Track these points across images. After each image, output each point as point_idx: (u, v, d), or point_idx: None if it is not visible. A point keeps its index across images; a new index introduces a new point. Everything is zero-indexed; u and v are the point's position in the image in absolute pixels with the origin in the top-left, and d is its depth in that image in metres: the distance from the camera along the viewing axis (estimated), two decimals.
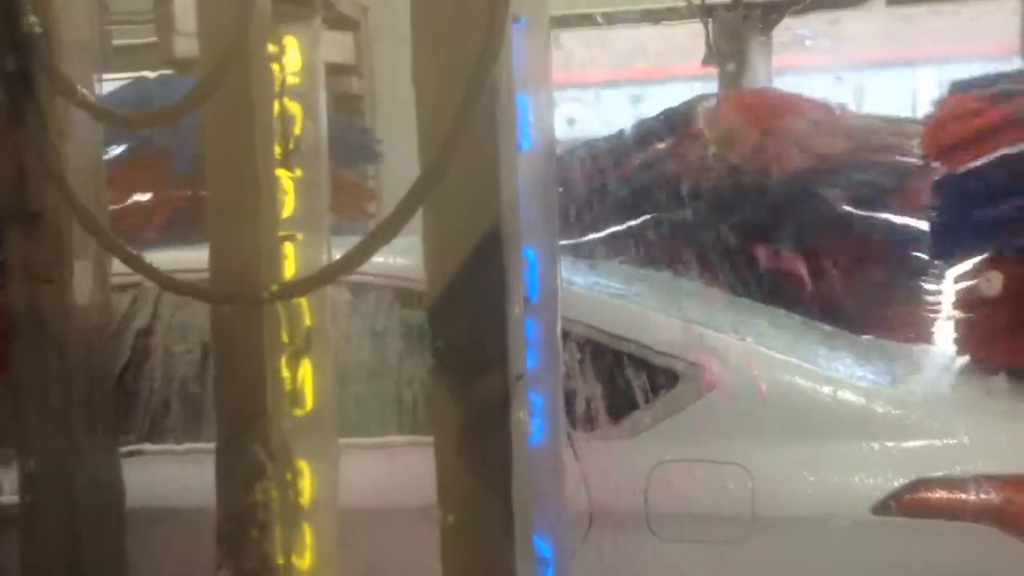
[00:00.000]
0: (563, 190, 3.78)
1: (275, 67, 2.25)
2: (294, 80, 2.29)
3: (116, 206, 3.61)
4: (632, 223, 4.09)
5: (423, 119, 1.90)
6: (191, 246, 2.63)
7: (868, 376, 2.82)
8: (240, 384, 2.24)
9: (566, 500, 2.14)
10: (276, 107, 2.25)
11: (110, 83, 3.87)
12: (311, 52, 2.31)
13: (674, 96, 4.30)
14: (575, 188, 3.97)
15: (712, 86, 7.00)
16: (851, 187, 3.96)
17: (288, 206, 2.28)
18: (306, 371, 2.30)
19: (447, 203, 1.88)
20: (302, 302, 2.28)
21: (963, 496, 2.41)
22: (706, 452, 2.52)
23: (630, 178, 4.11)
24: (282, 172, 2.27)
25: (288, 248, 2.28)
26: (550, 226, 2.05)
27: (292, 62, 2.29)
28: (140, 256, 2.23)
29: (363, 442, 2.63)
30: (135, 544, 2.62)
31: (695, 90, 4.77)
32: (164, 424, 2.90)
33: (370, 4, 6.65)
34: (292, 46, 2.29)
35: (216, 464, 2.27)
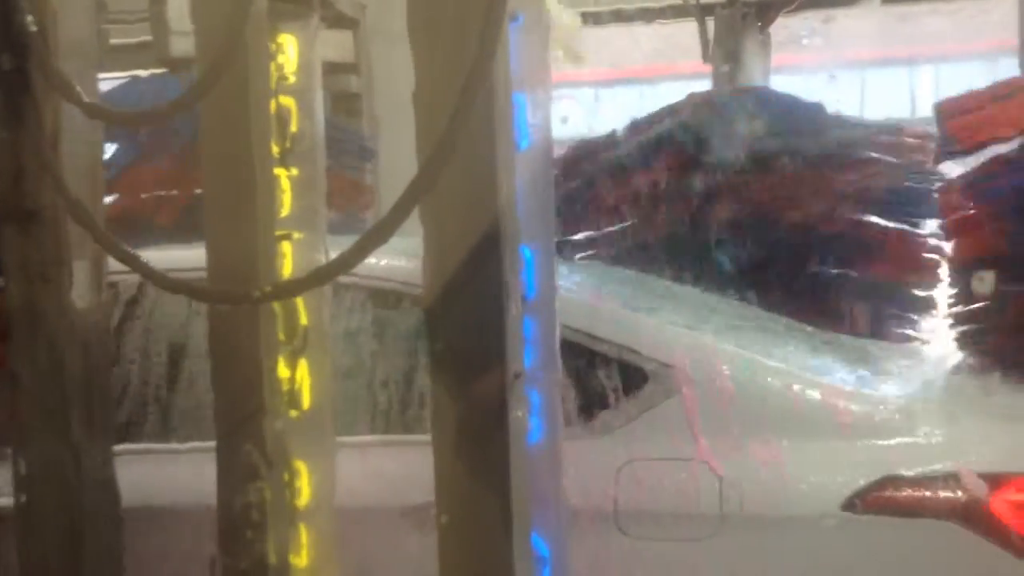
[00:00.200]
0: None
1: (272, 65, 2.24)
2: (291, 78, 2.28)
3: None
4: (617, 224, 4.10)
5: (421, 117, 1.90)
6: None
7: (841, 376, 2.83)
8: (236, 383, 2.23)
9: (565, 498, 2.14)
10: (273, 105, 2.24)
11: (106, 83, 3.86)
12: (309, 50, 2.31)
13: (672, 94, 4.31)
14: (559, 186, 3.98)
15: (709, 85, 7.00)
16: (851, 188, 3.97)
17: (285, 205, 2.28)
18: (303, 371, 2.29)
19: (445, 202, 1.88)
20: (298, 302, 2.27)
21: (929, 494, 2.42)
22: (675, 451, 2.54)
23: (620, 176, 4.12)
24: (279, 171, 2.26)
25: (285, 247, 2.28)
26: (547, 225, 2.05)
27: (289, 60, 2.28)
28: (137, 255, 2.23)
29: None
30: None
31: (692, 88, 4.77)
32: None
33: (368, 2, 6.64)
34: (290, 44, 2.28)
35: (217, 462, 2.27)
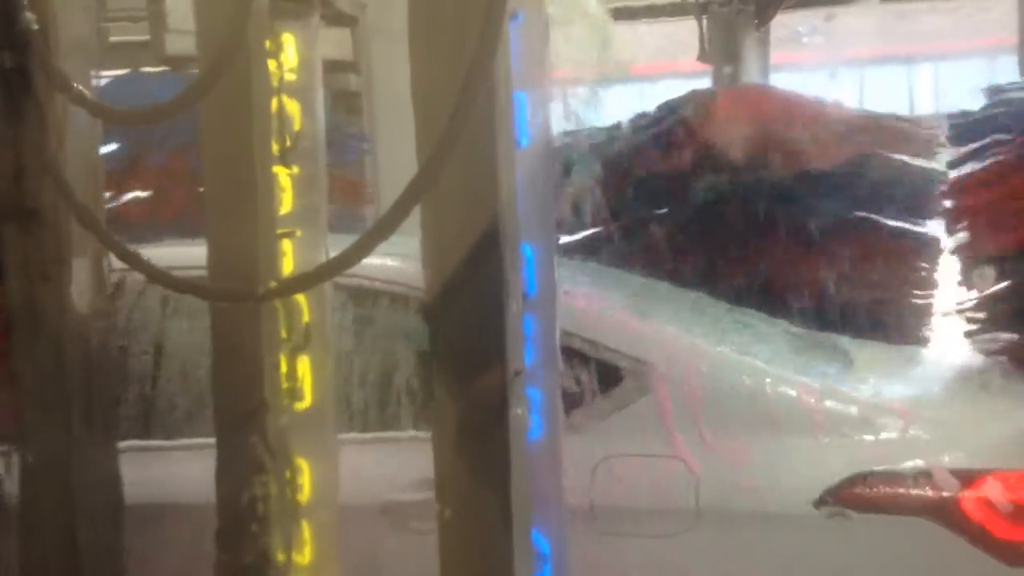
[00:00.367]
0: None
1: (273, 64, 2.24)
2: (292, 77, 2.28)
3: None
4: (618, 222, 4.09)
5: (421, 116, 1.91)
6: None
7: (818, 373, 2.84)
8: (238, 380, 2.24)
9: (564, 496, 2.15)
10: (274, 104, 2.24)
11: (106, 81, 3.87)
12: (309, 49, 2.31)
13: (672, 92, 4.30)
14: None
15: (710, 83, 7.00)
16: (851, 188, 3.96)
17: (286, 203, 2.28)
18: (305, 368, 2.30)
19: (445, 200, 1.88)
20: (300, 299, 2.28)
21: (901, 491, 2.42)
22: (651, 448, 2.57)
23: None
24: (280, 169, 2.26)
25: (286, 245, 2.28)
26: (548, 222, 2.05)
27: (290, 59, 2.28)
28: (138, 253, 2.23)
29: None
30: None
31: (693, 86, 4.77)
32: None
33: (368, 1, 6.64)
34: (290, 43, 2.28)
35: (217, 459, 2.27)
